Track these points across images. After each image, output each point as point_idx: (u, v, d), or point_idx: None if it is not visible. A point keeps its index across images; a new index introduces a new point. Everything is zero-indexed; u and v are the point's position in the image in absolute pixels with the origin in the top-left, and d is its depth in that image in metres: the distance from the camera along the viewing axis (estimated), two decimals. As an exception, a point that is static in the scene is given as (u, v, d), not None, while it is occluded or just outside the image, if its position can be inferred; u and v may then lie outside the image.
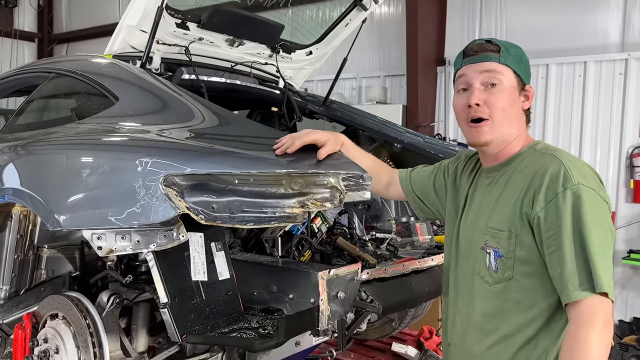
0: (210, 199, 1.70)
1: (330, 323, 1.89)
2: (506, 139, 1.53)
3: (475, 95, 1.50)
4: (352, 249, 2.23)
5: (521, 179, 1.46)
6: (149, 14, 2.45)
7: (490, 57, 1.51)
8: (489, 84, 1.50)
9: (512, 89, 1.51)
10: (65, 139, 2.03)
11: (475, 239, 1.56)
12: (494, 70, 1.50)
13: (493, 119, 1.50)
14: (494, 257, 1.47)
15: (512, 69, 1.51)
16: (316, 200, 1.83)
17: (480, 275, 1.52)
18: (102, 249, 1.73)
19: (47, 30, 13.16)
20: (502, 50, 1.51)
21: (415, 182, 1.93)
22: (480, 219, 1.56)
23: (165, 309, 1.72)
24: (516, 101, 1.53)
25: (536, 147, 1.54)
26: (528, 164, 1.48)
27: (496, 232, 1.47)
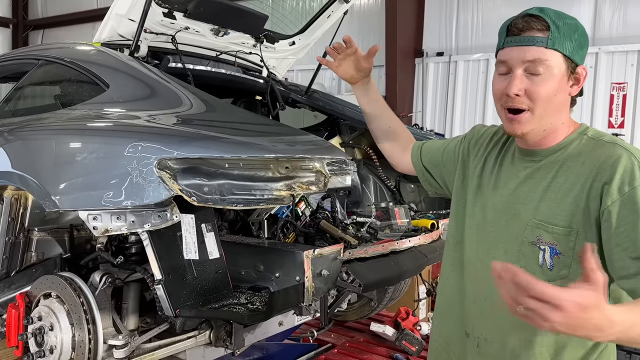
0: (202, 181, 1.80)
1: (314, 299, 2.00)
2: (547, 128, 1.38)
3: (516, 85, 1.34)
4: (335, 231, 2.34)
5: (579, 169, 1.33)
6: (137, 3, 2.51)
7: (536, 40, 1.31)
8: (533, 73, 1.33)
9: (560, 75, 1.34)
10: (59, 124, 2.10)
11: (515, 229, 1.41)
12: (539, 59, 1.32)
13: (533, 110, 1.35)
14: (550, 254, 1.34)
15: (562, 52, 1.32)
16: (302, 183, 1.95)
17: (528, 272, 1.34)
18: (98, 229, 1.81)
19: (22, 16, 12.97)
20: (551, 30, 1.31)
21: (425, 154, 1.84)
22: (520, 207, 1.41)
23: (160, 285, 1.81)
24: (564, 88, 1.36)
25: (587, 133, 1.39)
26: (583, 153, 1.35)
27: (552, 227, 1.33)
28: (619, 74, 5.90)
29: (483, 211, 1.51)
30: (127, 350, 2.09)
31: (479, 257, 1.51)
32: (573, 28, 1.33)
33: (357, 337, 3.57)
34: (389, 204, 2.83)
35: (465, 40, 7.00)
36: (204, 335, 2.23)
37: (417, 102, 7.25)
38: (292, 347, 3.30)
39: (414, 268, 2.43)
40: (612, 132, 5.92)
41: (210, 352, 2.50)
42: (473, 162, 1.62)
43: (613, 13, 6.08)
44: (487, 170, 1.54)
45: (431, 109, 7.11)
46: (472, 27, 6.91)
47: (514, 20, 1.36)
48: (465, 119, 6.90)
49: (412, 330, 3.43)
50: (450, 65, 6.96)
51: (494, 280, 1.34)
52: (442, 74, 7.10)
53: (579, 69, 1.36)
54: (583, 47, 1.35)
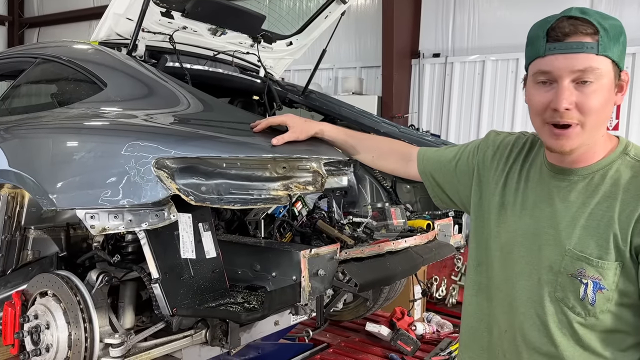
0: (200, 181, 1.81)
1: (310, 299, 2.01)
2: (591, 141, 1.25)
3: (566, 98, 1.19)
4: (331, 231, 2.36)
5: (623, 197, 1.21)
6: (135, 2, 2.52)
7: (585, 47, 1.17)
8: (582, 81, 1.19)
9: (610, 84, 1.20)
10: (57, 123, 2.10)
11: (551, 258, 1.28)
12: (590, 68, 1.17)
13: (584, 124, 1.21)
14: (593, 288, 1.22)
15: (612, 58, 1.18)
16: (299, 183, 1.96)
17: (566, 305, 1.25)
18: (95, 228, 1.81)
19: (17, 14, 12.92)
20: (600, 34, 1.17)
21: (434, 166, 1.65)
22: (556, 234, 1.28)
23: (157, 284, 1.82)
24: (612, 97, 1.22)
25: (628, 152, 1.26)
26: (624, 176, 1.23)
27: (597, 262, 1.21)
28: (614, 76, 5.94)
29: (510, 233, 1.36)
30: (123, 349, 2.09)
31: (509, 282, 1.36)
32: (619, 30, 1.20)
33: (352, 337, 3.59)
34: (385, 205, 2.85)
35: (461, 42, 7.01)
36: (200, 334, 2.23)
37: (414, 103, 7.27)
38: (288, 347, 3.31)
39: (410, 268, 2.44)
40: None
41: (206, 351, 2.50)
42: (493, 176, 1.46)
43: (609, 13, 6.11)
44: (511, 187, 1.40)
45: (427, 110, 7.14)
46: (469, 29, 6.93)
47: (557, 24, 1.19)
48: (460, 120, 6.93)
49: (407, 330, 3.44)
50: (446, 67, 6.98)
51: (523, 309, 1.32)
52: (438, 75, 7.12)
53: (622, 74, 1.22)
54: (624, 52, 1.21)
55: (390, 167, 1.84)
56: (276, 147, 1.86)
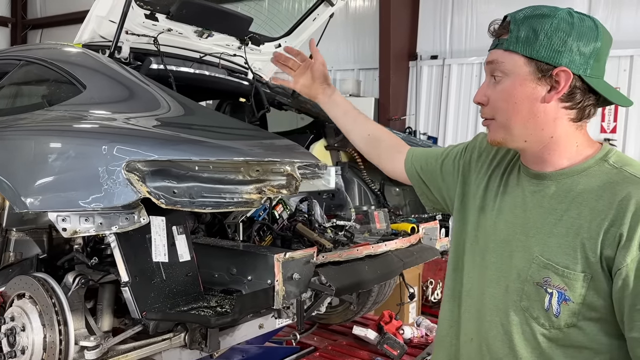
0: (171, 184, 1.80)
1: (285, 302, 2.00)
2: (529, 140, 1.21)
3: (478, 93, 1.25)
4: (310, 234, 2.35)
5: (594, 204, 1.14)
6: (117, 4, 2.52)
7: (497, 43, 1.22)
8: (494, 77, 1.22)
9: (521, 80, 1.17)
10: (33, 126, 2.10)
11: (519, 265, 1.23)
12: (496, 62, 1.21)
13: (496, 119, 1.23)
14: (558, 299, 1.16)
15: (523, 54, 1.16)
16: (273, 186, 1.95)
17: (531, 315, 1.21)
18: (67, 231, 1.81)
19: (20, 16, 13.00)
20: (511, 30, 1.18)
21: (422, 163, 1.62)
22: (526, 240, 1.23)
23: (126, 287, 1.82)
24: (530, 95, 1.17)
25: (608, 158, 1.19)
26: (599, 183, 1.16)
27: (564, 271, 1.15)
28: (611, 79, 5.88)
29: (485, 238, 1.33)
30: (98, 352, 2.08)
31: (479, 289, 1.32)
32: (540, 26, 1.15)
33: (340, 341, 3.57)
34: (370, 208, 2.84)
35: (459, 44, 6.98)
36: (179, 337, 2.23)
37: (411, 105, 7.25)
38: (274, 350, 3.30)
39: (389, 272, 2.43)
40: (604, 137, 5.91)
41: (187, 354, 2.49)
42: (476, 179, 1.43)
43: (606, 18, 6.07)
44: (492, 191, 1.36)
45: (425, 112, 7.11)
46: (467, 31, 6.91)
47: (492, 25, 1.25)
48: (458, 122, 6.90)
49: (395, 334, 3.42)
50: (444, 69, 6.95)
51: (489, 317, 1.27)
52: (435, 77, 7.09)
53: (555, 71, 1.14)
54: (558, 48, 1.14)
55: (378, 154, 1.76)
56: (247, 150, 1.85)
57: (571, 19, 1.14)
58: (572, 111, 1.17)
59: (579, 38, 1.13)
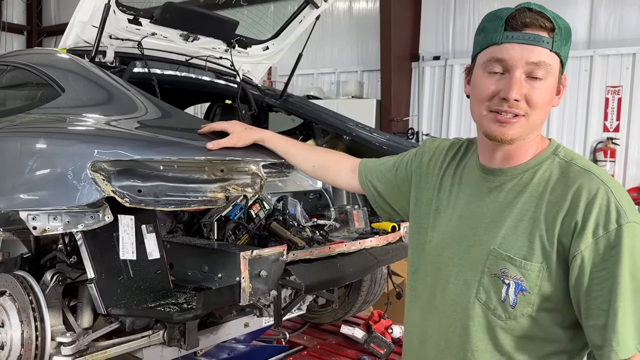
0: (136, 183, 1.85)
1: (252, 299, 2.04)
2: (528, 137, 1.24)
3: (517, 90, 1.17)
4: (284, 233, 2.38)
5: (548, 197, 1.19)
6: (98, 10, 2.58)
7: (542, 41, 1.16)
8: (533, 76, 1.18)
9: (555, 83, 1.21)
10: (9, 129, 2.17)
11: (476, 258, 1.26)
12: (544, 63, 1.16)
13: (529, 117, 1.20)
14: (515, 290, 1.20)
15: (561, 58, 1.19)
16: (237, 185, 1.98)
17: (488, 307, 1.24)
18: (37, 229, 1.87)
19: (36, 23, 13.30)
20: (556, 31, 1.16)
21: (375, 175, 1.64)
22: (483, 233, 1.27)
23: (92, 284, 1.87)
24: (553, 97, 1.23)
25: (558, 153, 1.25)
26: (552, 177, 1.21)
27: (521, 262, 1.19)
28: (614, 77, 5.83)
29: (441, 236, 1.35)
30: (74, 347, 2.13)
31: (438, 286, 1.34)
32: (570, 33, 1.19)
33: (329, 340, 3.59)
34: (349, 207, 2.86)
35: (461, 44, 6.97)
36: (157, 334, 2.27)
37: (414, 106, 7.25)
38: (261, 349, 3.33)
39: (362, 269, 2.45)
40: (607, 137, 5.85)
41: (169, 351, 2.53)
42: (429, 182, 1.45)
43: (609, 16, 6.02)
44: (445, 191, 1.39)
45: (427, 112, 7.11)
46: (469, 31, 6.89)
47: (517, 13, 1.17)
48: (461, 122, 6.88)
49: (383, 334, 3.43)
50: (446, 69, 6.94)
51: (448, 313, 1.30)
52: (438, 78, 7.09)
53: (563, 76, 1.23)
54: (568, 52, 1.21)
55: (330, 178, 1.83)
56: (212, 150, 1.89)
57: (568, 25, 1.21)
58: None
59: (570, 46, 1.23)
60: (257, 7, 3.92)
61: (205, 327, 2.67)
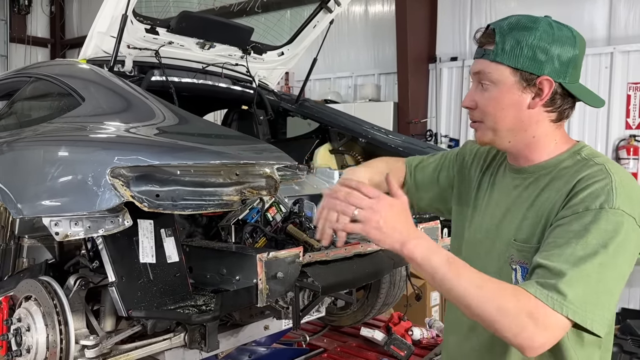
0: (154, 188, 1.89)
1: (269, 301, 2.06)
2: (513, 141, 1.32)
3: (466, 98, 1.34)
4: (300, 235, 2.40)
5: (561, 187, 1.25)
6: (116, 21, 2.65)
7: (484, 53, 1.29)
8: (482, 84, 1.30)
9: (507, 88, 1.26)
10: (32, 138, 2.24)
11: (496, 247, 1.35)
12: (483, 72, 1.29)
13: (485, 122, 1.32)
14: (522, 273, 1.27)
15: (509, 65, 1.25)
16: (252, 188, 2.02)
17: None
18: (59, 234, 1.93)
19: (59, 36, 13.59)
20: (497, 42, 1.26)
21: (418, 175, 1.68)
22: (506, 226, 1.35)
23: (113, 287, 1.91)
24: (517, 102, 1.27)
25: (581, 152, 1.30)
26: (569, 171, 1.27)
27: (524, 246, 1.27)
28: (635, 73, 5.74)
29: (475, 231, 1.44)
30: (97, 350, 2.19)
31: None
32: (524, 39, 1.23)
33: (349, 342, 3.60)
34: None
35: (479, 45, 6.95)
36: (179, 337, 2.32)
37: (432, 108, 7.23)
38: (282, 352, 3.36)
39: (378, 271, 2.46)
40: (630, 134, 5.76)
41: (190, 354, 2.58)
42: (470, 182, 1.53)
43: (629, 11, 5.93)
44: (482, 189, 1.47)
45: (445, 114, 7.08)
46: (486, 31, 6.88)
47: (475, 33, 1.34)
48: (480, 123, 6.84)
49: (404, 336, 3.43)
50: (464, 70, 6.91)
51: None
52: (456, 79, 7.06)
53: (539, 79, 1.24)
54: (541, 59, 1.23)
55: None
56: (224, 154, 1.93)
57: (552, 30, 1.24)
58: (553, 114, 1.29)
59: (559, 48, 1.24)
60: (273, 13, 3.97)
61: (226, 330, 2.71)
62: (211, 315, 1.95)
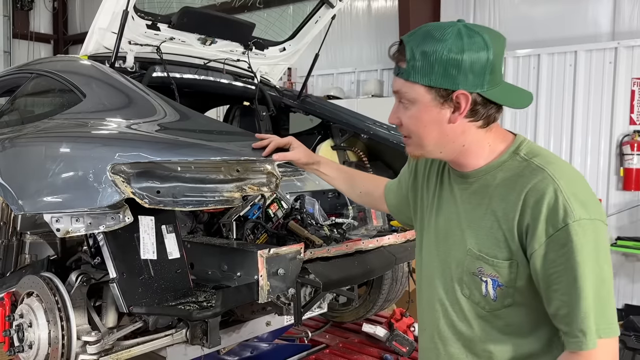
0: (155, 184, 1.89)
1: (270, 297, 2.06)
2: (444, 151, 1.31)
3: (391, 115, 1.32)
4: (301, 232, 2.40)
5: (510, 197, 1.24)
6: (117, 17, 2.64)
7: (399, 71, 1.26)
8: (402, 102, 1.29)
9: (425, 107, 1.24)
10: (33, 134, 2.24)
11: (457, 257, 1.35)
12: (400, 91, 1.27)
13: (412, 138, 1.32)
14: (493, 286, 1.27)
15: (422, 84, 1.22)
16: (253, 185, 2.01)
17: (473, 301, 1.33)
18: (60, 231, 1.93)
19: (62, 32, 13.58)
20: (407, 60, 1.22)
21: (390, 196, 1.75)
22: (460, 234, 1.35)
23: (114, 284, 1.92)
24: (437, 118, 1.25)
25: (519, 151, 1.28)
26: (512, 177, 1.25)
27: (493, 260, 1.26)
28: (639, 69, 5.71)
29: (431, 235, 1.45)
30: (99, 346, 2.19)
31: (429, 281, 1.43)
32: (435, 57, 1.19)
33: (351, 338, 3.60)
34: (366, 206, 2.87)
35: (482, 40, 6.92)
36: (180, 333, 2.32)
37: (435, 104, 7.20)
38: (284, 348, 3.36)
39: (380, 267, 2.46)
40: (634, 129, 5.72)
41: (192, 350, 2.58)
42: (421, 186, 1.54)
43: (633, 6, 5.88)
44: (431, 192, 1.48)
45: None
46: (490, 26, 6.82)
47: (390, 48, 1.29)
48: (483, 119, 6.80)
49: (405, 332, 3.43)
50: (467, 66, 6.89)
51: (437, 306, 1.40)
52: (459, 75, 7.04)
53: (455, 94, 1.21)
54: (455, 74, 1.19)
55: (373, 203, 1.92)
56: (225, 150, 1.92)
57: (461, 41, 1.18)
58: (478, 122, 1.26)
59: (471, 60, 1.18)
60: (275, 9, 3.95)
61: (227, 326, 2.72)
62: (212, 312, 1.95)
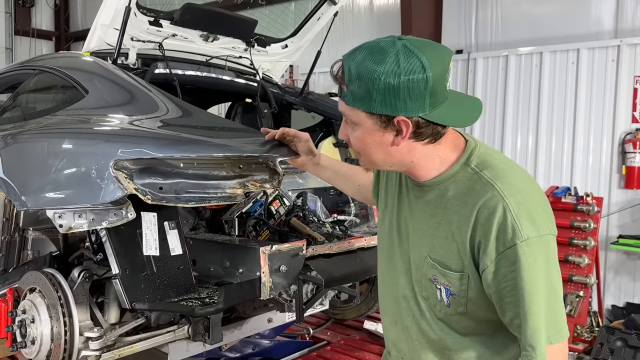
0: (158, 181, 1.90)
1: (272, 293, 2.07)
2: (394, 165, 1.32)
3: (340, 132, 1.33)
4: (303, 228, 2.40)
5: (462, 210, 1.26)
6: (119, 13, 2.64)
7: (341, 94, 1.26)
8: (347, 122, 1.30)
9: (368, 130, 1.24)
10: (36, 130, 2.24)
11: (416, 261, 1.37)
12: (344, 113, 1.27)
13: (362, 156, 1.32)
14: (446, 293, 1.31)
15: (362, 110, 1.21)
16: (256, 181, 2.01)
17: (430, 304, 1.37)
18: (63, 227, 1.94)
19: (64, 29, 13.56)
20: (347, 85, 1.21)
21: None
22: (418, 240, 1.37)
23: (117, 279, 1.92)
24: (380, 142, 1.25)
25: (470, 162, 1.28)
26: (465, 191, 1.26)
27: (445, 271, 1.29)
28: (646, 67, 5.69)
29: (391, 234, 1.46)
30: (102, 342, 2.19)
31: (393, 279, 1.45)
32: (370, 84, 1.17)
33: (353, 335, 3.61)
34: (369, 203, 2.86)
35: (484, 37, 6.87)
36: (182, 329, 2.32)
37: (437, 101, 7.18)
38: (285, 344, 3.37)
39: (382, 264, 2.45)
40: (636, 127, 5.70)
41: (194, 346, 2.58)
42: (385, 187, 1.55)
43: (636, 4, 5.86)
44: (392, 195, 1.49)
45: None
46: (492, 24, 6.79)
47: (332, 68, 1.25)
48: (485, 116, 6.78)
49: (407, 329, 3.43)
50: (469, 63, 6.85)
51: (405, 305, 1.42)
52: (461, 72, 7.00)
53: (396, 120, 1.19)
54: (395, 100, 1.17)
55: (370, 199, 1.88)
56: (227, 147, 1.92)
57: (398, 67, 1.14)
58: (424, 140, 1.24)
59: (408, 85, 1.15)
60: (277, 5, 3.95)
61: (229, 323, 2.72)
62: (215, 308, 1.96)
